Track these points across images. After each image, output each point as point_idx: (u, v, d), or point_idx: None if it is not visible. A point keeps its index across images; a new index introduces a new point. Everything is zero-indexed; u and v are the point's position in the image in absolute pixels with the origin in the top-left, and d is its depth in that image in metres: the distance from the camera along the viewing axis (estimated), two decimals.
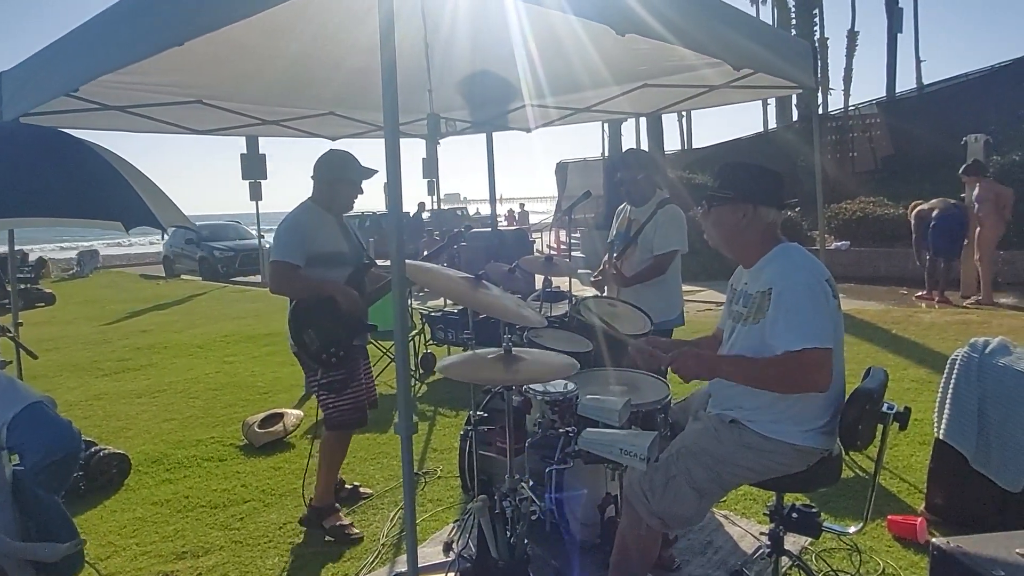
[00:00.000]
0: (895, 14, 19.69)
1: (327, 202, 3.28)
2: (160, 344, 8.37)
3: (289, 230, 3.16)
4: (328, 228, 3.27)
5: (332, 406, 3.24)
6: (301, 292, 3.09)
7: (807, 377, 1.98)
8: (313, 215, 3.23)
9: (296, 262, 3.08)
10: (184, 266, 19.15)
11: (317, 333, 3.04)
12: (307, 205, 3.28)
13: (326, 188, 3.27)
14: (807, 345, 1.95)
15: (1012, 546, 2.05)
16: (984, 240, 8.30)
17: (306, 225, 3.18)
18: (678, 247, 3.64)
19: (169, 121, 4.94)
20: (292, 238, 3.13)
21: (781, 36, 4.72)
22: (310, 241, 3.14)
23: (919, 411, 4.23)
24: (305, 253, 3.11)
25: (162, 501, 3.80)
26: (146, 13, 2.64)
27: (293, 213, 3.25)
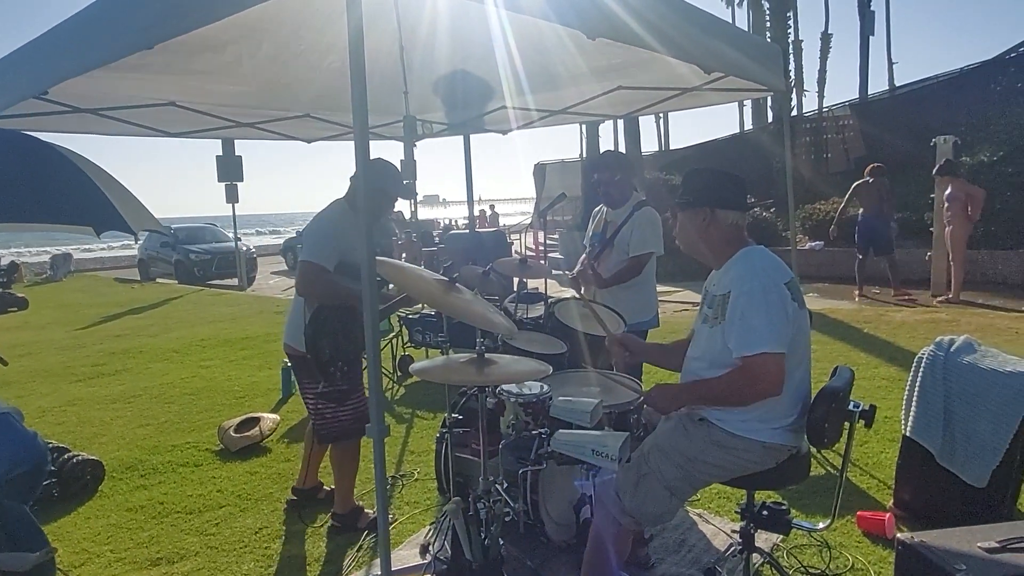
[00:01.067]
0: (867, 17, 20.01)
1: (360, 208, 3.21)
2: (135, 349, 8.27)
3: (322, 232, 3.09)
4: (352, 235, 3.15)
5: (332, 416, 3.17)
6: (328, 297, 2.99)
7: (757, 384, 2.03)
8: (346, 219, 3.13)
9: (327, 265, 3.00)
10: (159, 269, 18.88)
11: (331, 343, 2.96)
12: (342, 206, 3.19)
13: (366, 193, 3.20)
14: (759, 350, 2.00)
15: (974, 540, 2.11)
16: (955, 239, 8.49)
17: (340, 228, 3.09)
18: (654, 249, 3.68)
19: (142, 123, 4.88)
20: (325, 241, 3.05)
21: (751, 39, 4.78)
22: (341, 246, 3.06)
23: (889, 409, 4.34)
24: (336, 258, 3.03)
25: (136, 507, 3.76)
26: (116, 15, 2.62)
27: (328, 213, 3.17)
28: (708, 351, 2.18)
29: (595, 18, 2.64)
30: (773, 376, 2.01)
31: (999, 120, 11.34)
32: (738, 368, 2.05)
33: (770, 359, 2.00)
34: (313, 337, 2.93)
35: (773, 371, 2.01)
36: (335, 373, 3.01)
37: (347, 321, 2.97)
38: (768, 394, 2.04)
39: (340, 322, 2.96)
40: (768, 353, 2.00)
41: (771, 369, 2.01)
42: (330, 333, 2.95)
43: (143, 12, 2.47)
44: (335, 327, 2.95)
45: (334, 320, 2.95)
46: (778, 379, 2.02)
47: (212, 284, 16.74)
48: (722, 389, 2.11)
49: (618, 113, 6.13)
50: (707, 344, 2.19)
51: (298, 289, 3.10)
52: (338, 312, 2.96)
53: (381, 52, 3.82)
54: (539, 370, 2.19)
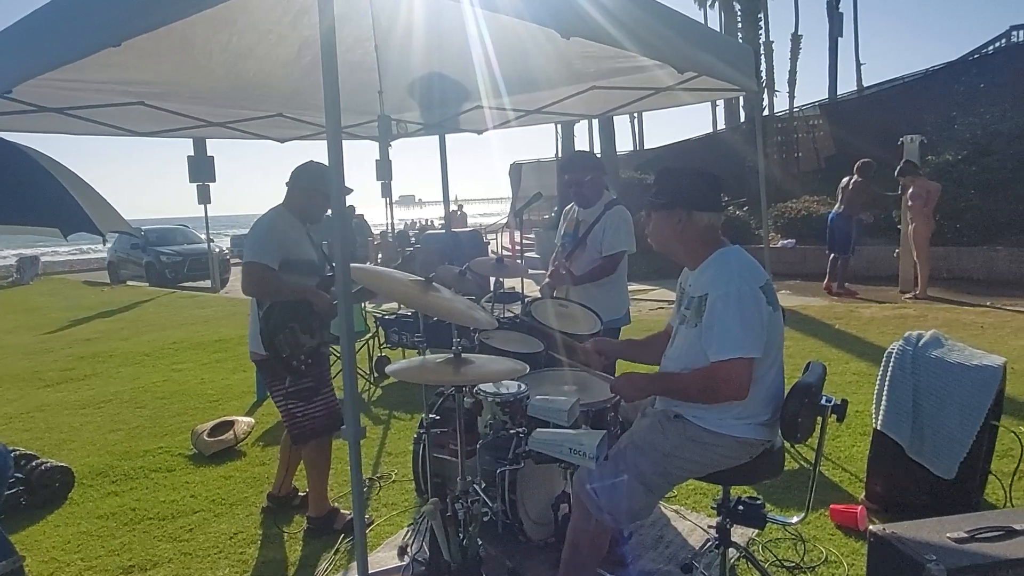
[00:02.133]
0: (836, 19, 20.34)
1: (300, 211, 3.28)
2: (105, 353, 8.11)
3: (265, 233, 3.14)
4: (299, 236, 3.27)
5: (302, 415, 3.18)
6: (276, 295, 3.06)
7: (723, 387, 2.05)
8: (287, 221, 3.24)
9: (272, 264, 3.06)
10: (130, 272, 18.54)
11: (288, 338, 3.00)
12: (280, 211, 3.27)
13: (302, 197, 3.26)
14: (732, 355, 2.02)
15: (943, 531, 2.16)
16: (918, 237, 8.68)
17: (281, 230, 3.18)
18: (626, 247, 3.71)
19: (110, 123, 4.77)
20: (268, 241, 3.11)
21: (723, 40, 4.84)
22: (283, 247, 3.13)
23: (860, 403, 4.41)
24: (279, 257, 3.10)
25: (107, 514, 3.69)
26: (81, 11, 2.56)
27: (268, 217, 3.24)
28: (686, 352, 2.19)
29: (570, 18, 2.64)
30: (739, 381, 2.04)
31: (962, 120, 11.61)
32: (707, 368, 2.08)
33: (740, 364, 2.03)
34: (268, 334, 2.97)
35: (741, 376, 2.04)
36: (298, 367, 3.03)
37: (301, 315, 3.03)
38: (732, 398, 2.07)
39: (293, 317, 3.02)
40: (740, 358, 2.02)
41: (739, 374, 2.03)
42: (284, 328, 2.99)
43: (109, 8, 2.42)
44: (288, 322, 3.00)
45: (286, 315, 3.01)
46: (744, 384, 2.05)
47: (184, 286, 16.48)
48: (687, 386, 2.14)
49: (593, 113, 6.16)
50: (685, 345, 2.21)
51: (244, 289, 3.14)
52: (289, 307, 3.02)
53: (355, 51, 3.80)
54: (516, 369, 2.19)
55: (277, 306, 3.02)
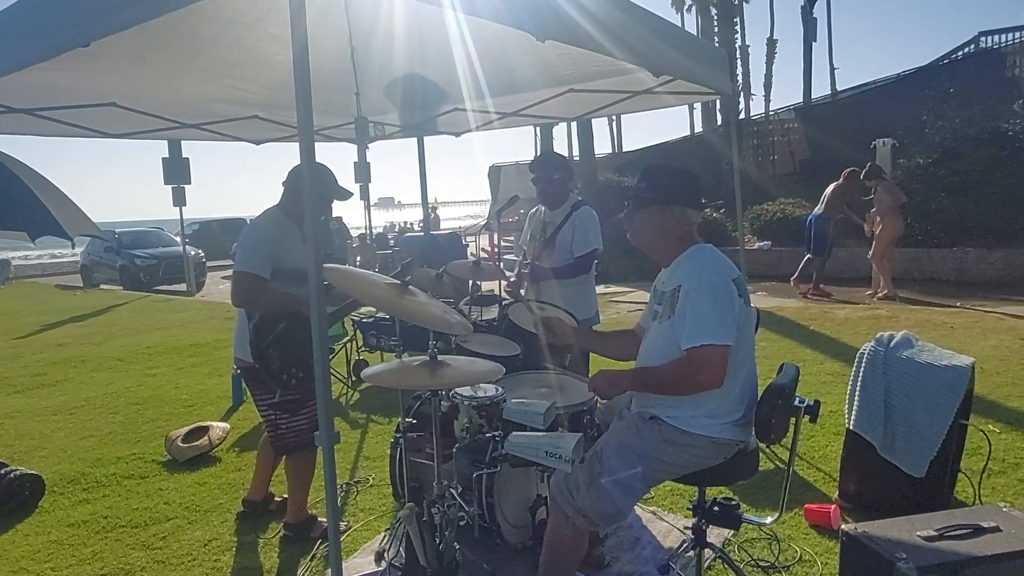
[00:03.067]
0: (810, 24, 20.66)
1: (295, 214, 3.14)
2: (77, 358, 7.96)
3: (256, 240, 3.03)
4: (294, 241, 3.10)
5: (286, 427, 3.09)
6: (266, 306, 2.93)
7: (699, 374, 2.07)
8: (281, 226, 3.10)
9: (263, 274, 2.94)
10: (103, 275, 18.23)
11: (279, 351, 2.88)
12: (275, 214, 3.15)
13: (297, 199, 3.13)
14: (705, 341, 2.05)
15: (913, 529, 2.20)
16: (880, 239, 8.86)
17: (274, 236, 3.05)
18: (597, 246, 3.77)
19: (81, 125, 4.69)
20: (259, 249, 2.99)
21: (699, 44, 4.88)
22: (276, 254, 3.01)
23: (833, 403, 4.47)
24: (271, 266, 2.98)
25: (79, 522, 3.62)
26: (49, 10, 2.51)
27: (260, 222, 3.12)
28: (659, 346, 2.22)
29: (546, 20, 2.65)
30: (715, 367, 2.06)
31: (933, 124, 11.84)
32: (682, 358, 2.10)
33: (715, 350, 2.05)
34: (259, 346, 2.86)
35: (716, 362, 2.05)
36: (289, 381, 2.93)
37: (294, 327, 2.90)
38: (709, 385, 2.08)
39: (285, 329, 2.90)
40: (713, 345, 2.04)
41: (714, 360, 2.05)
42: (276, 341, 2.88)
43: (78, 7, 2.38)
44: (280, 334, 2.88)
45: (278, 327, 2.89)
46: (720, 370, 2.07)
47: (159, 290, 16.23)
48: (664, 377, 2.16)
49: (571, 115, 6.18)
50: (658, 339, 2.23)
51: (233, 300, 3.03)
52: (282, 319, 2.90)
53: (332, 53, 3.77)
54: (493, 371, 2.19)
55: (269, 318, 2.90)
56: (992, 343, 6.24)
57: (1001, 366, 5.47)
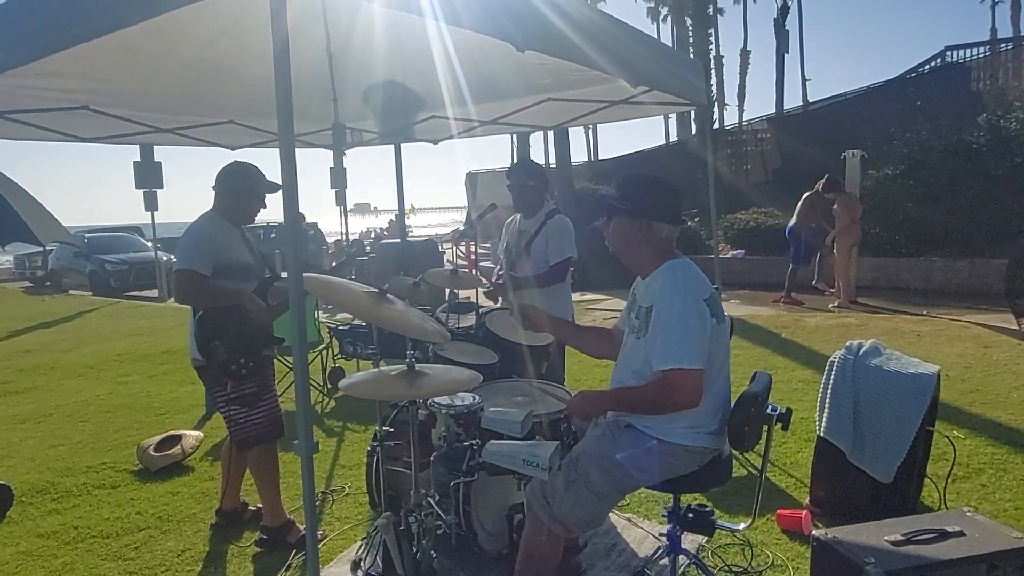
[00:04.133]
0: (782, 36, 21.06)
1: (231, 213, 3.24)
2: (46, 365, 7.78)
3: (195, 239, 3.09)
4: (233, 240, 3.22)
5: (244, 421, 3.14)
6: (208, 301, 3.01)
7: (675, 398, 2.10)
8: (218, 225, 3.19)
9: (204, 271, 3.01)
10: (73, 280, 17.83)
11: (225, 343, 2.95)
12: (211, 215, 3.22)
13: (231, 199, 3.23)
14: (676, 366, 2.08)
15: (882, 534, 2.26)
16: (839, 248, 9.07)
17: (212, 235, 3.13)
18: (571, 254, 3.81)
19: (52, 128, 4.61)
20: (199, 247, 3.06)
21: (676, 56, 4.97)
22: (216, 252, 3.08)
23: (805, 410, 4.55)
24: (212, 263, 3.04)
25: (48, 533, 3.55)
26: (20, 15, 2.47)
27: (198, 223, 3.18)
28: (634, 361, 2.25)
29: (527, 31, 2.68)
30: (690, 390, 2.09)
31: (901, 136, 12.13)
32: (658, 380, 2.12)
33: (688, 374, 2.08)
34: (205, 340, 2.94)
35: (691, 386, 2.09)
36: (238, 371, 2.98)
37: (237, 320, 2.98)
38: (685, 407, 2.12)
39: (228, 321, 2.98)
40: (686, 369, 2.07)
41: (689, 383, 2.08)
42: (220, 334, 2.95)
43: (51, 13, 2.35)
44: (224, 326, 2.96)
45: (222, 320, 2.97)
46: (696, 393, 2.10)
47: (130, 296, 15.94)
48: (641, 398, 2.19)
49: (548, 124, 6.22)
50: (634, 354, 2.26)
51: (176, 298, 3.11)
52: (224, 312, 2.98)
53: (309, 59, 3.76)
54: (471, 379, 2.20)
55: (210, 312, 2.98)
56: (957, 350, 6.40)
57: (966, 373, 5.62)
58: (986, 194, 10.38)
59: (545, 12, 2.78)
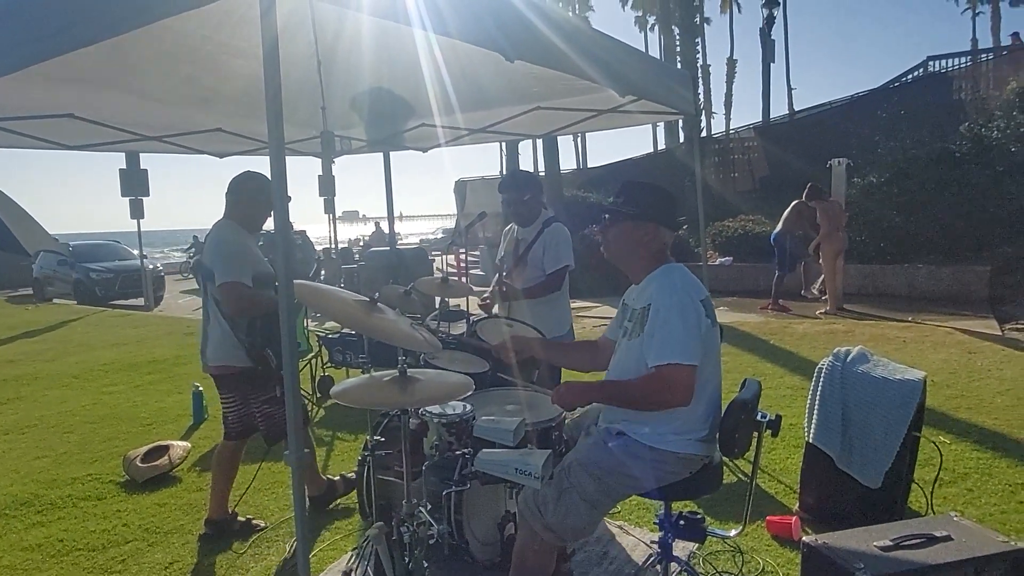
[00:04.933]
0: (768, 45, 21.27)
1: (246, 221, 3.35)
2: (29, 375, 7.69)
3: (235, 250, 3.21)
4: (255, 248, 3.36)
5: (280, 417, 3.29)
6: (257, 310, 3.15)
7: (666, 393, 2.11)
8: (242, 234, 3.31)
9: (248, 282, 3.14)
10: (57, 289, 17.62)
11: (275, 350, 3.13)
12: (231, 225, 3.32)
13: (246, 208, 3.34)
14: (672, 360, 2.09)
15: (870, 540, 2.27)
16: (824, 255, 9.16)
17: (243, 245, 3.26)
18: (568, 262, 3.80)
19: (36, 136, 4.57)
20: (241, 258, 3.18)
21: (663, 66, 5.01)
22: (251, 262, 3.23)
23: (794, 416, 4.58)
24: (251, 273, 3.17)
25: (32, 546, 3.49)
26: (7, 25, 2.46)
27: (229, 234, 3.28)
28: (629, 364, 2.25)
29: (516, 41, 2.70)
30: (683, 386, 2.10)
31: (885, 144, 12.27)
32: (650, 375, 2.12)
33: (681, 370, 2.09)
34: (259, 348, 3.11)
35: (683, 381, 2.09)
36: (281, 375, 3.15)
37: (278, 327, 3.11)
38: (676, 404, 2.12)
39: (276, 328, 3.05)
40: (680, 364, 2.09)
41: (681, 379, 2.09)
42: (271, 340, 3.11)
43: (38, 22, 2.34)
44: (274, 334, 3.06)
45: (271, 328, 3.11)
46: (687, 390, 2.10)
47: (115, 304, 15.79)
48: (631, 392, 2.19)
49: (537, 133, 6.26)
50: (627, 357, 2.27)
51: (229, 311, 3.18)
52: (270, 320, 3.13)
53: (297, 67, 3.76)
54: (464, 385, 2.20)
55: (261, 321, 3.12)
56: (942, 356, 6.47)
57: (951, 379, 5.68)
58: (969, 202, 10.52)
59: (534, 22, 2.80)
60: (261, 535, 3.50)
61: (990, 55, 18.76)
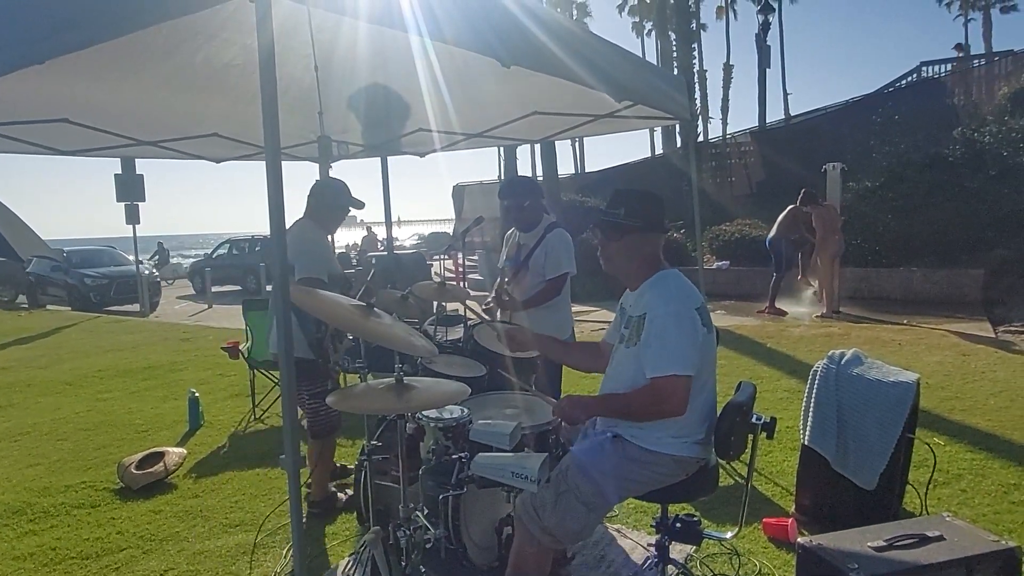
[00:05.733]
0: (764, 51, 21.36)
1: (325, 224, 3.66)
2: (22, 382, 7.65)
3: (315, 248, 3.48)
4: (330, 248, 3.68)
5: (324, 413, 3.54)
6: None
7: (662, 404, 2.13)
8: (320, 234, 3.61)
9: (324, 278, 3.34)
10: (51, 295, 17.56)
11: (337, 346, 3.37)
12: (312, 225, 3.58)
13: (326, 212, 3.64)
14: (669, 372, 2.10)
15: (865, 540, 2.28)
16: (821, 259, 9.19)
17: (324, 244, 3.58)
18: (568, 269, 3.78)
19: (31, 141, 4.57)
20: (320, 256, 3.46)
21: (659, 71, 5.04)
22: (328, 261, 3.51)
23: (790, 419, 4.59)
24: (327, 271, 3.41)
25: (25, 555, 3.47)
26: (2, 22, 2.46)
27: (311, 233, 3.53)
28: (625, 371, 2.26)
29: (512, 47, 2.71)
30: (678, 398, 2.11)
31: (880, 149, 12.34)
32: (647, 386, 2.15)
33: (677, 381, 2.10)
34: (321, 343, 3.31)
35: (679, 393, 2.11)
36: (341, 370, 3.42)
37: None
38: (672, 414, 2.14)
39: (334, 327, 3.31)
40: (676, 376, 2.10)
41: (677, 391, 2.11)
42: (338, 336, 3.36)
43: (33, 24, 2.34)
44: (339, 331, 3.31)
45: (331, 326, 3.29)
46: (683, 401, 2.12)
47: (110, 311, 15.74)
48: (629, 404, 2.21)
49: (534, 137, 6.28)
50: (624, 364, 2.28)
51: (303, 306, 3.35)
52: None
53: (295, 71, 3.77)
54: (461, 390, 2.20)
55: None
56: (936, 359, 6.49)
57: (945, 381, 5.70)
58: (963, 206, 10.59)
59: (530, 28, 2.81)
60: (257, 542, 3.48)
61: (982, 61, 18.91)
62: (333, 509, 3.69)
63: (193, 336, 10.52)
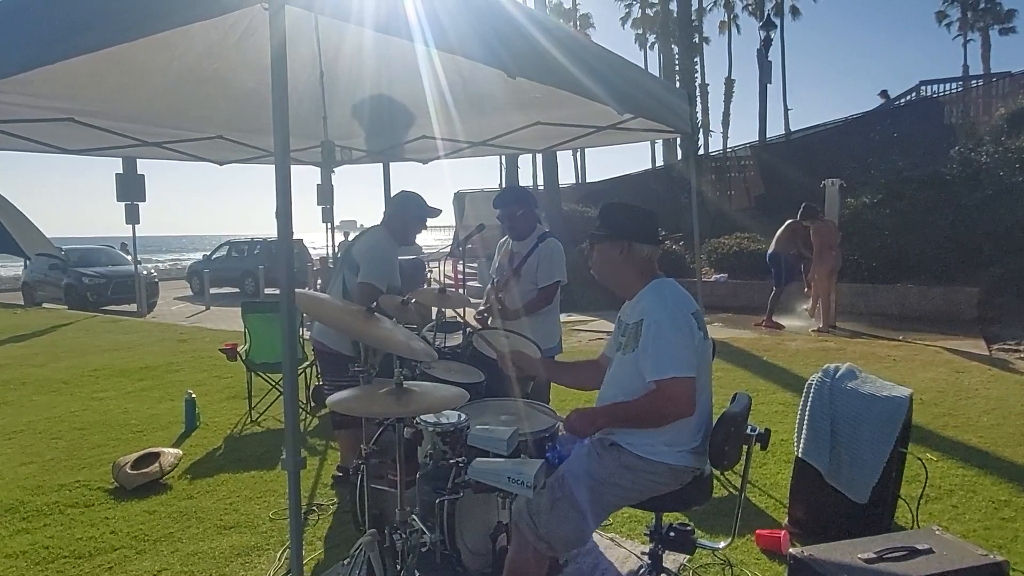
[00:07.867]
0: (765, 66, 21.48)
1: (399, 235, 3.82)
2: (17, 380, 7.63)
3: (386, 258, 3.69)
4: (396, 260, 3.81)
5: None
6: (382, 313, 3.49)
7: (671, 406, 2.16)
8: (393, 245, 3.80)
9: (383, 288, 3.51)
10: (47, 294, 17.50)
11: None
12: (387, 235, 3.79)
13: (400, 223, 3.81)
14: (671, 374, 2.13)
15: (855, 552, 2.31)
16: (817, 274, 9.23)
17: (393, 255, 3.76)
18: (560, 278, 3.85)
19: (36, 139, 4.59)
20: (388, 267, 3.65)
21: (662, 83, 5.09)
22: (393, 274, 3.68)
23: (785, 431, 4.61)
24: (388, 282, 3.58)
25: (17, 553, 3.47)
26: (13, 27, 2.49)
27: (385, 243, 3.75)
28: (623, 377, 2.29)
29: (518, 57, 2.75)
30: (684, 398, 2.14)
31: (878, 165, 12.41)
32: (653, 391, 2.17)
33: (682, 382, 2.14)
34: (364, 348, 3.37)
35: (685, 393, 2.14)
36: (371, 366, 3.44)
37: None
38: (681, 415, 2.17)
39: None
40: (679, 377, 2.13)
41: (683, 391, 2.14)
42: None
43: (49, 26, 2.37)
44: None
45: None
46: (689, 401, 2.15)
47: (107, 310, 15.71)
48: (638, 411, 2.23)
49: (537, 148, 6.32)
50: (622, 371, 2.31)
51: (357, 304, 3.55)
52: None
53: (300, 76, 3.80)
54: (459, 395, 2.22)
55: None
56: (931, 375, 6.52)
57: (938, 397, 5.73)
58: (959, 224, 10.65)
59: (536, 39, 2.85)
60: (252, 545, 3.48)
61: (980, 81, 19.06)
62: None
63: (190, 337, 10.52)
